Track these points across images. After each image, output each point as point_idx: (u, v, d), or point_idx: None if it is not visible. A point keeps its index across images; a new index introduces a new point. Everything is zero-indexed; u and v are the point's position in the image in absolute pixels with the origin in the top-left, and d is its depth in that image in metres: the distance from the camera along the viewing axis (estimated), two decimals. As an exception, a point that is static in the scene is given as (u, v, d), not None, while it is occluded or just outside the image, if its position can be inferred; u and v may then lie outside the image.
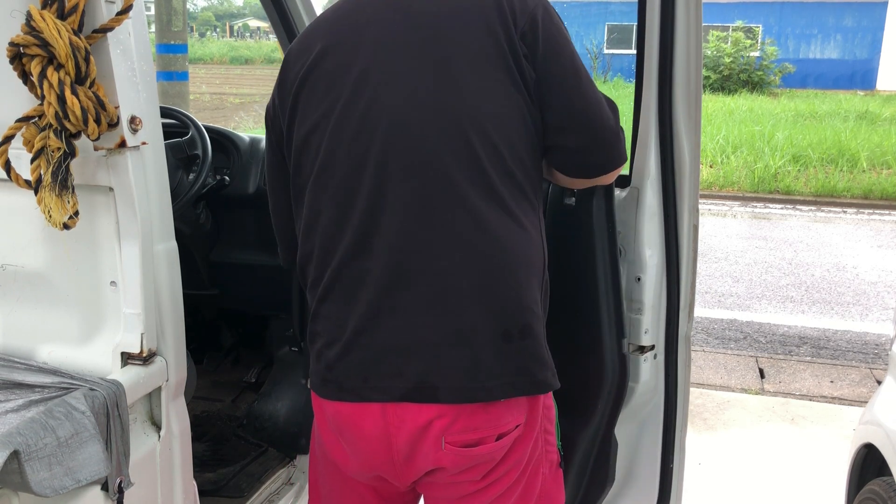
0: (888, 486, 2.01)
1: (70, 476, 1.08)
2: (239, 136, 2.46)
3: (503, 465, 1.35)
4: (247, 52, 33.65)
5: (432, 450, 1.30)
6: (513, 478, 1.37)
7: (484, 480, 1.35)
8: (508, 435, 1.32)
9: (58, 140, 1.09)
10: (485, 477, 1.35)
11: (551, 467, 1.46)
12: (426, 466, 1.33)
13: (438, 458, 1.30)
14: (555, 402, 1.49)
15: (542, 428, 1.41)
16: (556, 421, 1.49)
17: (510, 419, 1.31)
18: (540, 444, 1.42)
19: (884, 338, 5.14)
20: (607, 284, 1.77)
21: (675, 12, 1.70)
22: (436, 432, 1.28)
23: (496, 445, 1.31)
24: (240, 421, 2.57)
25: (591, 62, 21.54)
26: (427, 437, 1.29)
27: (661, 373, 1.88)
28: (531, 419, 1.35)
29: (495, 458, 1.33)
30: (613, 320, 1.77)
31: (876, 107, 16.74)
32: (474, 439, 1.30)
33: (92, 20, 1.12)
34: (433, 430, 1.28)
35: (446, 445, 1.29)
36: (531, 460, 1.40)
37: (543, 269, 1.36)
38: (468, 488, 1.36)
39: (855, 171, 10.84)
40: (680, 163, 1.79)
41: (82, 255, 1.26)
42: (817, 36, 24.97)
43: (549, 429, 1.45)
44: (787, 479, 3.29)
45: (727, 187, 10.26)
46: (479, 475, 1.35)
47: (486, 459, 1.32)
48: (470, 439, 1.29)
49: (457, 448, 1.29)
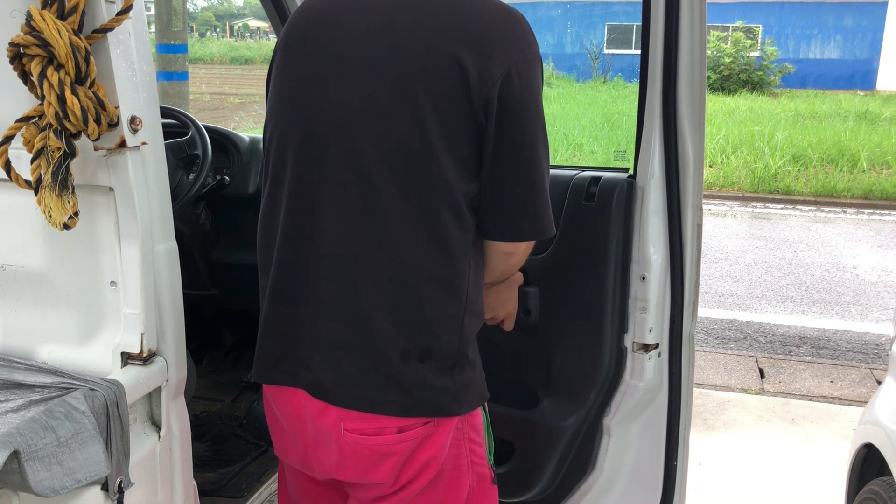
0: (888, 486, 2.01)
1: (70, 476, 1.08)
2: (239, 136, 2.47)
3: (413, 464, 1.32)
4: (247, 52, 33.63)
5: (334, 437, 1.31)
6: (427, 479, 1.35)
7: (397, 482, 1.34)
8: (413, 430, 1.30)
9: (58, 140, 1.09)
10: (397, 478, 1.33)
11: (480, 481, 1.41)
12: (334, 458, 1.34)
13: (341, 446, 1.31)
14: (485, 415, 1.45)
15: (463, 434, 1.37)
16: (488, 434, 1.44)
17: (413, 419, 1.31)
18: (463, 451, 1.38)
19: (884, 338, 5.15)
20: (615, 282, 1.83)
21: (679, 12, 1.71)
22: (333, 419, 1.31)
23: (398, 438, 1.30)
24: (240, 421, 2.58)
25: (592, 62, 21.55)
26: (326, 421, 1.32)
27: (665, 371, 1.89)
28: (444, 422, 1.33)
29: (401, 453, 1.31)
30: (617, 316, 1.81)
31: (876, 107, 16.75)
32: (373, 428, 1.30)
33: (92, 20, 1.12)
34: (331, 415, 1.31)
35: (345, 433, 1.30)
36: (450, 466, 1.37)
37: (464, 297, 1.32)
38: (383, 490, 1.35)
39: (855, 171, 10.85)
40: (684, 162, 1.80)
41: (82, 255, 1.26)
42: (817, 36, 24.98)
43: (475, 438, 1.40)
44: (787, 479, 3.29)
45: (727, 187, 10.26)
46: (390, 476, 1.33)
47: (389, 452, 1.31)
48: (368, 427, 1.30)
49: (356, 436, 1.30)
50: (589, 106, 15.34)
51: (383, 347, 1.28)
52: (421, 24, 1.25)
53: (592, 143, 11.83)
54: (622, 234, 1.82)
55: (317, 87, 1.30)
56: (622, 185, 1.83)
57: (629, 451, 1.95)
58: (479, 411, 1.42)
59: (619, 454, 1.95)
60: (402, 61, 1.24)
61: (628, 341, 1.85)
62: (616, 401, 1.90)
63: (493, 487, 1.44)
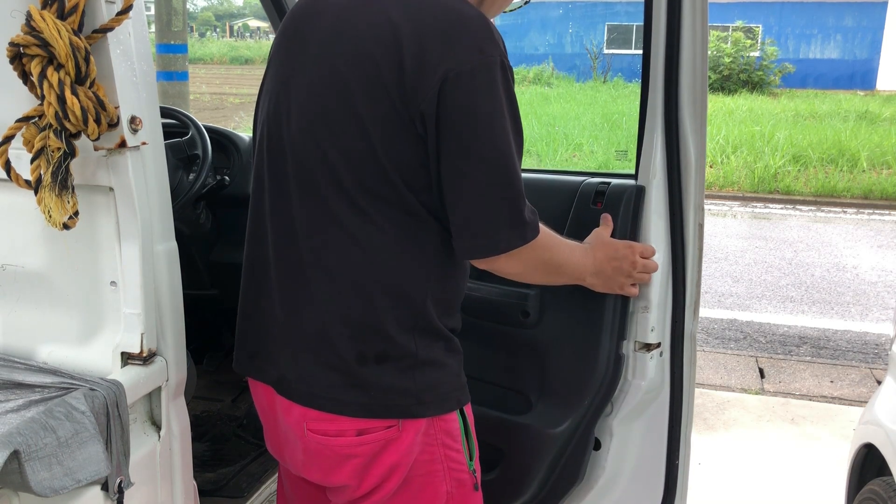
0: (888, 486, 2.01)
1: (70, 476, 1.08)
2: (239, 136, 2.47)
3: (376, 468, 1.30)
4: (247, 52, 33.63)
5: (299, 436, 1.33)
6: (395, 484, 1.32)
7: (362, 486, 1.32)
8: (374, 433, 1.28)
9: (58, 140, 1.09)
10: (361, 482, 1.31)
11: (460, 487, 1.37)
12: (300, 457, 1.35)
13: (306, 445, 1.32)
14: (462, 419, 1.38)
15: (435, 439, 1.33)
16: (467, 438, 1.39)
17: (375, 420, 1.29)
18: (437, 457, 1.34)
19: (884, 338, 5.15)
20: None
21: (680, 12, 1.71)
22: (297, 417, 1.32)
23: (358, 440, 1.28)
24: (240, 421, 2.58)
25: (592, 62, 21.56)
26: (291, 419, 1.33)
27: (666, 370, 1.89)
28: (408, 426, 1.30)
29: (363, 455, 1.29)
30: (617, 322, 1.80)
31: (876, 107, 16.75)
32: (334, 429, 1.29)
33: (92, 20, 1.12)
34: (295, 414, 1.32)
35: (308, 433, 1.31)
36: (422, 472, 1.33)
37: (422, 302, 1.29)
38: (352, 494, 1.34)
39: (855, 171, 10.85)
40: (686, 162, 1.80)
41: (82, 255, 1.26)
42: (817, 36, 24.98)
43: (449, 443, 1.35)
44: (787, 478, 3.29)
45: (727, 187, 10.27)
46: (354, 478, 1.31)
47: (350, 454, 1.29)
48: (329, 429, 1.29)
49: (318, 436, 1.30)
50: (589, 106, 15.34)
51: (340, 350, 1.27)
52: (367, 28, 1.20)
53: (592, 143, 11.83)
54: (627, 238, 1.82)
55: (283, 91, 1.31)
56: (631, 191, 1.83)
57: (631, 449, 1.95)
58: (454, 415, 1.36)
59: (621, 453, 1.95)
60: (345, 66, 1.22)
61: (626, 348, 1.85)
62: (618, 400, 1.90)
63: (475, 493, 1.41)
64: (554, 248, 1.41)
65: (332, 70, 1.23)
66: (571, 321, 1.86)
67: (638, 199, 1.82)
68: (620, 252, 1.63)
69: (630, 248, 1.65)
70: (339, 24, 1.25)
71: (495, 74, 1.18)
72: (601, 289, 1.61)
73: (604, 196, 1.86)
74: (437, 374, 1.32)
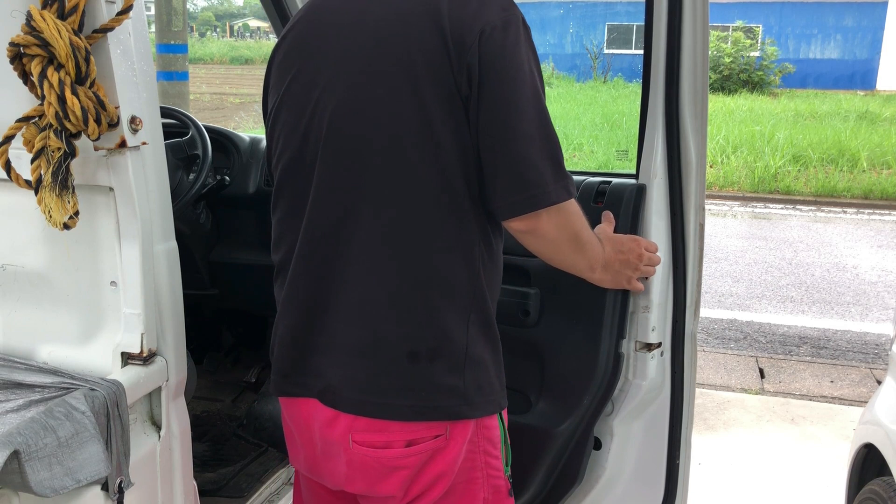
0: (888, 486, 2.01)
1: (70, 476, 1.08)
2: (239, 136, 2.47)
3: (423, 478, 1.30)
4: (247, 52, 33.62)
5: (343, 448, 1.30)
6: (438, 494, 1.31)
7: (407, 495, 1.31)
8: (423, 443, 1.28)
9: (58, 140, 1.09)
10: (406, 491, 1.31)
11: (496, 493, 1.37)
12: (343, 469, 1.32)
13: (350, 458, 1.30)
14: (501, 425, 1.39)
15: (478, 447, 1.33)
16: (504, 444, 1.40)
17: (423, 429, 1.28)
18: (478, 464, 1.34)
19: (884, 338, 5.15)
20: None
21: (681, 12, 1.71)
22: (342, 429, 1.29)
23: (407, 451, 1.28)
24: (240, 421, 2.58)
25: (592, 62, 21.55)
26: (335, 433, 1.30)
27: (667, 370, 1.89)
28: (456, 433, 1.30)
29: (410, 466, 1.29)
30: (616, 321, 1.80)
31: (876, 107, 16.75)
32: (382, 441, 1.27)
33: (92, 20, 1.12)
34: (339, 425, 1.29)
35: (354, 444, 1.28)
36: (463, 479, 1.33)
37: (468, 297, 1.29)
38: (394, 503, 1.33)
39: (855, 171, 10.85)
40: (686, 162, 1.80)
41: (82, 255, 1.26)
42: (817, 36, 24.98)
43: (490, 450, 1.35)
44: (787, 478, 3.29)
45: (727, 187, 10.27)
46: (399, 489, 1.31)
47: (397, 466, 1.28)
48: (377, 440, 1.27)
49: (364, 449, 1.28)
50: (589, 106, 15.34)
51: (392, 349, 1.26)
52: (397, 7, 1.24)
53: (592, 143, 11.83)
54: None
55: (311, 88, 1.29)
56: (631, 190, 1.83)
57: (631, 449, 1.95)
58: (496, 421, 1.37)
59: (622, 453, 1.95)
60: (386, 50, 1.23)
61: (625, 347, 1.85)
62: (618, 400, 1.90)
63: (509, 499, 1.41)
64: (583, 220, 1.38)
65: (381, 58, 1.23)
66: (571, 320, 1.86)
67: (638, 199, 1.82)
68: (627, 245, 1.62)
69: (636, 242, 1.65)
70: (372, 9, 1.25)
71: (521, 30, 1.23)
72: (609, 284, 1.60)
73: (604, 195, 1.87)
74: (483, 374, 1.32)
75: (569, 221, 1.32)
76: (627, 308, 1.82)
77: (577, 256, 1.42)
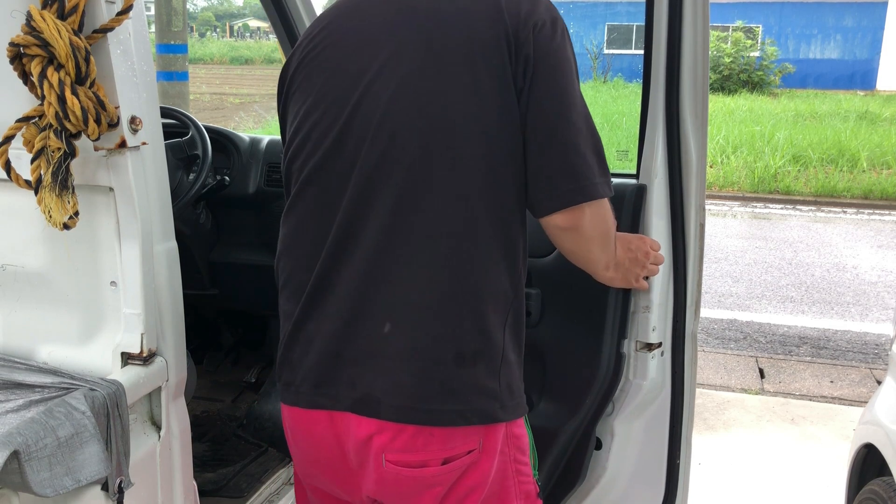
0: (888, 486, 2.01)
1: (70, 476, 1.08)
2: (239, 136, 2.47)
3: (456, 492, 1.28)
4: (247, 52, 33.64)
5: (375, 466, 1.26)
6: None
7: None
8: (458, 459, 1.25)
9: (58, 140, 1.09)
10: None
11: (526, 499, 1.36)
12: (372, 484, 1.29)
13: (381, 475, 1.26)
14: (529, 431, 1.40)
15: (509, 457, 1.32)
16: (532, 450, 1.40)
17: (459, 443, 1.25)
18: (509, 473, 1.33)
19: (884, 338, 5.15)
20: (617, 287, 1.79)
21: (682, 12, 1.72)
22: (376, 448, 1.25)
23: (442, 469, 1.25)
24: (240, 421, 2.58)
25: (592, 62, 21.54)
26: (369, 451, 1.26)
27: (668, 370, 1.89)
28: (488, 445, 1.28)
29: (444, 483, 1.26)
30: (618, 321, 1.80)
31: (876, 107, 16.75)
32: (417, 460, 1.24)
33: (92, 20, 1.11)
34: (374, 445, 1.25)
35: (387, 464, 1.25)
36: (495, 491, 1.32)
37: (508, 299, 1.29)
38: None
39: (855, 171, 10.85)
40: (687, 162, 1.80)
41: (82, 255, 1.26)
42: (817, 36, 24.99)
43: (520, 458, 1.35)
44: (787, 478, 3.30)
45: (727, 187, 10.27)
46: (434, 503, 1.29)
47: (432, 483, 1.26)
48: (412, 460, 1.24)
49: (398, 468, 1.25)
50: (589, 106, 15.28)
51: (438, 352, 1.24)
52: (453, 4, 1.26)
53: (592, 143, 11.80)
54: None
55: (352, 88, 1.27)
56: (632, 190, 1.83)
57: (632, 449, 1.95)
58: (524, 429, 1.36)
59: (622, 453, 1.95)
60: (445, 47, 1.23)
61: (627, 347, 1.85)
62: (619, 400, 1.90)
63: (537, 501, 1.41)
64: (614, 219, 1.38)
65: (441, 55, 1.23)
66: (572, 321, 1.86)
67: (639, 199, 1.82)
68: (634, 243, 1.62)
69: (641, 240, 1.65)
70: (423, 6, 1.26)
71: (565, 28, 1.29)
72: (619, 283, 1.59)
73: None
74: (512, 375, 1.31)
75: (605, 218, 1.33)
76: (628, 308, 1.82)
77: (602, 254, 1.41)
